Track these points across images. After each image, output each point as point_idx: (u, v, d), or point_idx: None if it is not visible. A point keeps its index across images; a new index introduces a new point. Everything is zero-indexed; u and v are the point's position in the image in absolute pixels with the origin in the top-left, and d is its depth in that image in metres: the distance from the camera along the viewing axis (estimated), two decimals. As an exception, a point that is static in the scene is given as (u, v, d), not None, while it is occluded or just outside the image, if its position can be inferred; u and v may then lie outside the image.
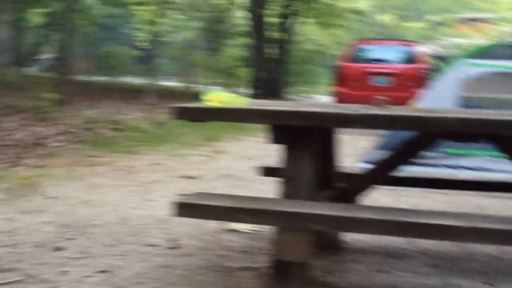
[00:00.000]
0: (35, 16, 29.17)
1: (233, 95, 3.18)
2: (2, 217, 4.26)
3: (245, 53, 22.34)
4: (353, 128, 2.86)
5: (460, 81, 6.89)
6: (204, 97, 2.99)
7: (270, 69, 19.50)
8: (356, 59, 12.51)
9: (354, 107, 3.00)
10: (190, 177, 6.06)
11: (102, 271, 3.24)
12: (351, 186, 3.35)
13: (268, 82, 19.21)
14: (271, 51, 20.06)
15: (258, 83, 19.63)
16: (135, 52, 28.44)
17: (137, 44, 25.38)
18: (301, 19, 21.07)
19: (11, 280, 3.05)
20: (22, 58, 26.99)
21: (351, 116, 2.72)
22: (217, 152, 7.93)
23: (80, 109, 11.40)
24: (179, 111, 2.94)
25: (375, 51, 12.83)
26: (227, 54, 22.82)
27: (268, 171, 3.96)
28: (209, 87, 19.60)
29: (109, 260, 3.42)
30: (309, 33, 23.74)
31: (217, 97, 2.99)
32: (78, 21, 17.43)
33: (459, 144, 4.86)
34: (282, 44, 19.77)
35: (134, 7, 21.51)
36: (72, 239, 3.81)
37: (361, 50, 12.90)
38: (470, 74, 6.91)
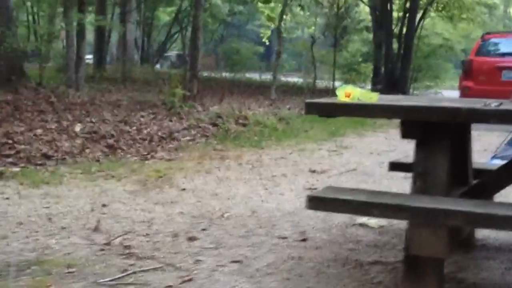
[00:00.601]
0: (163, 15, 30.20)
1: (364, 90, 3.18)
2: (139, 207, 4.47)
3: (368, 48, 22.15)
4: (488, 124, 2.79)
5: None
6: (337, 92, 3.02)
7: (394, 64, 19.21)
8: (486, 53, 12.08)
9: (488, 101, 2.92)
10: (315, 172, 6.11)
11: (235, 261, 3.33)
12: (487, 183, 3.27)
13: (392, 77, 18.95)
14: (395, 46, 19.76)
15: (382, 78, 19.41)
16: (258, 49, 28.90)
17: (261, 40, 25.74)
18: (427, 13, 20.64)
19: (150, 267, 3.20)
20: (151, 55, 28.02)
21: (489, 111, 2.66)
22: (341, 147, 7.93)
23: (207, 104, 11.72)
24: (313, 106, 2.99)
25: (506, 45, 12.33)
26: (349, 50, 22.71)
27: (395, 166, 3.94)
28: (331, 82, 19.57)
29: (241, 251, 3.52)
30: (435, 27, 23.19)
31: (348, 92, 3.00)
32: (205, 19, 17.86)
33: None
34: (407, 39, 19.42)
35: (259, 5, 21.86)
36: (205, 229, 3.94)
37: (492, 43, 12.44)
38: None
